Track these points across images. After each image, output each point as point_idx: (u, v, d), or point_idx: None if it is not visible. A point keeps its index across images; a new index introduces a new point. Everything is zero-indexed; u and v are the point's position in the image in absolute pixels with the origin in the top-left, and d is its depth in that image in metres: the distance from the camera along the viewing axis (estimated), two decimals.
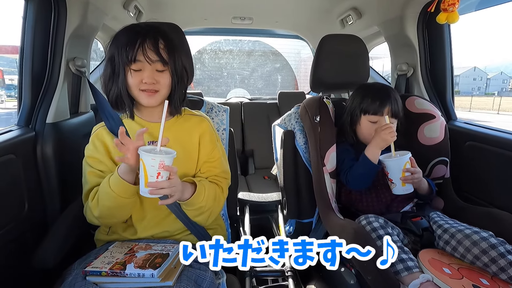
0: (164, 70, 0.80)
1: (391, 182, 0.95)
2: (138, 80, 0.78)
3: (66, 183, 1.05)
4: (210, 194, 0.84)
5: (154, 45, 0.77)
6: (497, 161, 1.06)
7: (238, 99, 2.69)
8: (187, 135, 0.89)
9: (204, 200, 0.82)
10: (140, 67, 0.77)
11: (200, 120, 0.93)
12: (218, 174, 0.92)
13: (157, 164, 0.68)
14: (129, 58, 0.75)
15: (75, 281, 0.67)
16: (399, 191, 0.95)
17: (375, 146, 0.96)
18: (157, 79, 0.78)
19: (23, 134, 0.95)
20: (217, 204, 0.88)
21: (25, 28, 0.99)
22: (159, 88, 0.80)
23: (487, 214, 0.92)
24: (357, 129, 1.07)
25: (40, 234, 0.94)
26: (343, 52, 1.19)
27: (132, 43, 0.75)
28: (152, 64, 0.77)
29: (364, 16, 1.72)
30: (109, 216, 0.81)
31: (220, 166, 0.92)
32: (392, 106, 1.01)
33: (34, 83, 1.02)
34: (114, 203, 0.76)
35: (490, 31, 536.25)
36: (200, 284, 0.72)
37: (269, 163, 2.14)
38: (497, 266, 0.71)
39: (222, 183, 0.92)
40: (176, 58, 0.81)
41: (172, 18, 1.96)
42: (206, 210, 0.84)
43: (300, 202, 1.13)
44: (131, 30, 0.79)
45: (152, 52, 0.77)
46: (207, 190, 0.84)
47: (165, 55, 0.79)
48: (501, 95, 42.55)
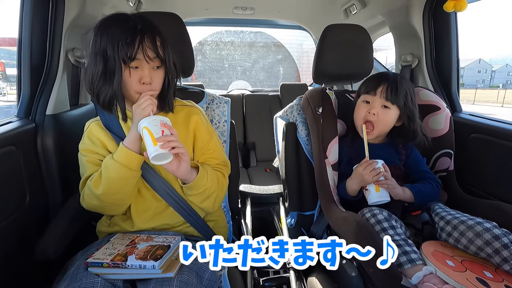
0: (160, 67, 0.79)
1: (365, 189, 0.92)
2: (136, 80, 0.75)
3: (67, 175, 1.05)
4: (213, 177, 0.85)
5: (152, 42, 0.75)
6: (503, 154, 1.04)
7: (240, 91, 2.66)
8: (181, 129, 0.87)
9: (208, 182, 0.83)
10: (137, 65, 0.75)
11: (191, 112, 0.91)
12: (218, 163, 0.92)
13: (158, 123, 0.70)
14: (128, 56, 0.71)
15: (77, 272, 0.68)
16: (374, 198, 0.90)
17: (354, 183, 0.95)
18: (153, 78, 0.77)
19: (23, 125, 0.95)
20: (221, 188, 0.89)
21: (22, 19, 0.97)
22: (154, 88, 0.78)
23: (492, 207, 0.91)
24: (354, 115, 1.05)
25: (42, 226, 0.94)
26: (346, 42, 1.16)
27: (132, 40, 0.71)
28: (150, 63, 0.75)
29: (369, 6, 1.69)
30: (113, 192, 0.77)
31: (219, 157, 0.92)
32: (388, 88, 0.96)
33: (33, 74, 1.01)
34: (119, 174, 0.75)
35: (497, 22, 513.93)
36: (201, 276, 0.72)
37: (271, 156, 2.14)
38: (501, 257, 0.70)
39: (222, 169, 0.92)
40: (170, 55, 0.80)
41: (172, 8, 1.93)
42: (211, 193, 0.85)
43: (302, 195, 1.12)
44: (124, 23, 0.74)
45: (151, 51, 0.74)
46: (210, 173, 0.85)
47: (162, 53, 0.77)
48: (506, 87, 42.10)
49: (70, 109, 1.15)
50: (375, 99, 0.98)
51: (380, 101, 0.97)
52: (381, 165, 0.91)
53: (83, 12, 1.13)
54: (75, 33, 1.13)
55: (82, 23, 1.15)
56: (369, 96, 0.99)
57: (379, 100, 0.97)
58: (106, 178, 0.76)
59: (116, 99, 0.76)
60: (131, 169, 0.75)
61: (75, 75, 1.21)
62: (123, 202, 0.83)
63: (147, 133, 0.69)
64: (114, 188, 0.77)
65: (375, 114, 0.97)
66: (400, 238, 0.78)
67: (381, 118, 0.98)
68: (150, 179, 0.83)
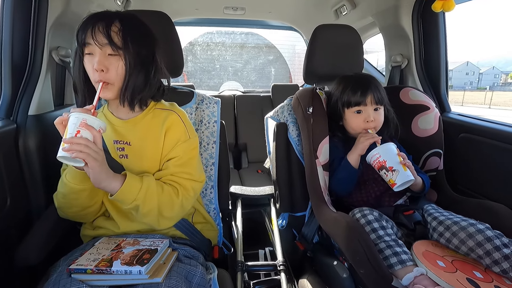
0: (115, 54, 0.73)
1: (392, 170, 0.86)
2: (91, 67, 0.73)
3: (50, 177, 1.00)
4: (152, 192, 0.74)
5: (105, 27, 0.71)
6: (491, 153, 1.05)
7: (231, 92, 2.65)
8: (154, 132, 0.82)
9: (140, 196, 0.72)
10: (91, 51, 0.73)
11: (168, 113, 0.84)
12: (175, 174, 0.80)
13: (78, 121, 0.64)
14: (79, 41, 0.72)
15: (60, 278, 0.65)
16: (403, 178, 0.84)
17: (355, 151, 0.96)
18: (107, 66, 0.72)
19: (4, 126, 0.91)
20: (167, 207, 0.76)
21: (3, 15, 0.94)
22: (110, 80, 0.73)
23: (481, 206, 0.91)
24: (344, 124, 1.05)
25: (24, 230, 0.91)
26: (337, 42, 1.16)
27: (83, 28, 0.72)
28: (102, 48, 0.72)
29: (359, 6, 1.70)
30: (68, 206, 0.78)
31: (181, 165, 0.81)
32: (374, 94, 0.98)
33: (15, 73, 0.97)
34: (64, 189, 0.75)
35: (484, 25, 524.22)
36: (190, 280, 0.70)
37: (263, 157, 2.13)
38: (491, 259, 0.71)
39: (179, 183, 0.80)
40: (134, 43, 0.74)
41: (161, 7, 1.90)
42: (149, 210, 0.74)
43: (293, 196, 1.11)
44: (85, 19, 0.74)
45: (101, 35, 0.71)
46: (146, 186, 0.73)
47: (117, 39, 0.72)
48: (493, 89, 43.19)
49: (55, 109, 1.11)
50: (367, 108, 0.98)
51: (371, 107, 0.98)
52: (395, 147, 0.91)
53: (68, 10, 1.10)
54: (59, 31, 1.10)
55: (67, 21, 1.12)
56: (360, 107, 0.99)
57: (370, 107, 0.98)
58: (59, 193, 0.78)
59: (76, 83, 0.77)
60: (75, 184, 0.74)
61: (60, 75, 1.17)
62: (83, 213, 0.81)
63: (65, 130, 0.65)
64: (66, 202, 0.78)
65: (373, 120, 0.98)
66: (391, 239, 0.78)
67: (377, 119, 0.99)
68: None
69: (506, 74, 67.58)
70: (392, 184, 0.87)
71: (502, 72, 67.49)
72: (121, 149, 0.81)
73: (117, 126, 0.82)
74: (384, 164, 0.88)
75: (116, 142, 0.81)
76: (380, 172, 0.90)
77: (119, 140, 0.81)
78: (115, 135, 0.81)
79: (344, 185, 0.99)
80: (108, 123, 0.82)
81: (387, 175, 0.88)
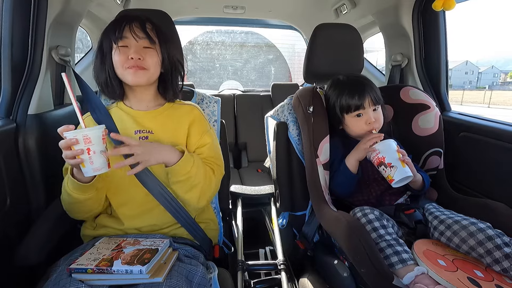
0: (151, 48, 0.80)
1: (391, 166, 0.86)
2: (125, 57, 0.77)
3: (50, 177, 1.01)
4: (199, 167, 0.80)
5: (141, 24, 0.79)
6: (491, 152, 1.05)
7: (231, 91, 2.64)
8: (175, 123, 0.87)
9: (193, 170, 0.78)
10: (126, 43, 0.77)
11: (191, 108, 0.92)
12: (207, 158, 0.87)
13: (82, 140, 0.65)
14: (116, 35, 0.76)
15: (60, 278, 0.65)
16: (401, 174, 0.85)
17: (354, 156, 0.96)
18: (143, 56, 0.78)
19: (3, 125, 0.91)
20: (208, 182, 0.83)
21: (2, 14, 0.93)
22: (146, 65, 0.78)
23: (481, 205, 0.91)
24: (345, 129, 1.04)
25: (24, 230, 0.90)
26: (337, 41, 1.16)
27: (120, 23, 0.77)
28: (139, 41, 0.78)
29: (359, 5, 1.69)
30: (73, 211, 0.82)
31: (210, 151, 0.88)
32: (371, 95, 0.98)
33: (14, 72, 0.97)
34: (70, 199, 0.76)
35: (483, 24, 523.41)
36: (191, 280, 0.70)
37: (263, 156, 2.13)
38: (492, 257, 0.71)
39: (213, 166, 0.87)
40: (165, 43, 0.83)
41: (161, 6, 1.89)
42: (196, 184, 0.79)
43: (293, 195, 1.11)
44: (119, 17, 0.81)
45: (139, 29, 0.78)
46: (197, 161, 0.80)
47: (152, 35, 0.80)
48: (492, 89, 43.24)
49: (54, 108, 1.11)
50: (366, 111, 0.98)
51: (370, 109, 0.98)
52: (395, 144, 0.91)
53: (67, 8, 1.09)
54: (59, 30, 1.09)
55: (66, 20, 1.11)
56: (359, 111, 0.99)
57: (369, 109, 0.98)
58: (63, 200, 0.80)
59: (110, 79, 0.80)
60: (79, 195, 0.75)
61: (60, 74, 1.17)
62: (91, 214, 0.85)
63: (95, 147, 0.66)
64: (72, 209, 0.81)
65: (375, 121, 0.98)
66: (391, 238, 0.78)
67: (378, 119, 0.99)
68: (143, 178, 0.81)
69: (505, 73, 67.66)
70: (390, 180, 0.87)
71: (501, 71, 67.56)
72: (144, 138, 0.84)
73: (137, 117, 0.85)
74: (383, 160, 0.88)
75: (138, 131, 0.83)
76: (379, 168, 0.90)
77: (141, 130, 0.84)
78: (136, 125, 0.84)
79: (344, 189, 1.00)
80: (126, 116, 0.85)
81: (385, 171, 0.88)
